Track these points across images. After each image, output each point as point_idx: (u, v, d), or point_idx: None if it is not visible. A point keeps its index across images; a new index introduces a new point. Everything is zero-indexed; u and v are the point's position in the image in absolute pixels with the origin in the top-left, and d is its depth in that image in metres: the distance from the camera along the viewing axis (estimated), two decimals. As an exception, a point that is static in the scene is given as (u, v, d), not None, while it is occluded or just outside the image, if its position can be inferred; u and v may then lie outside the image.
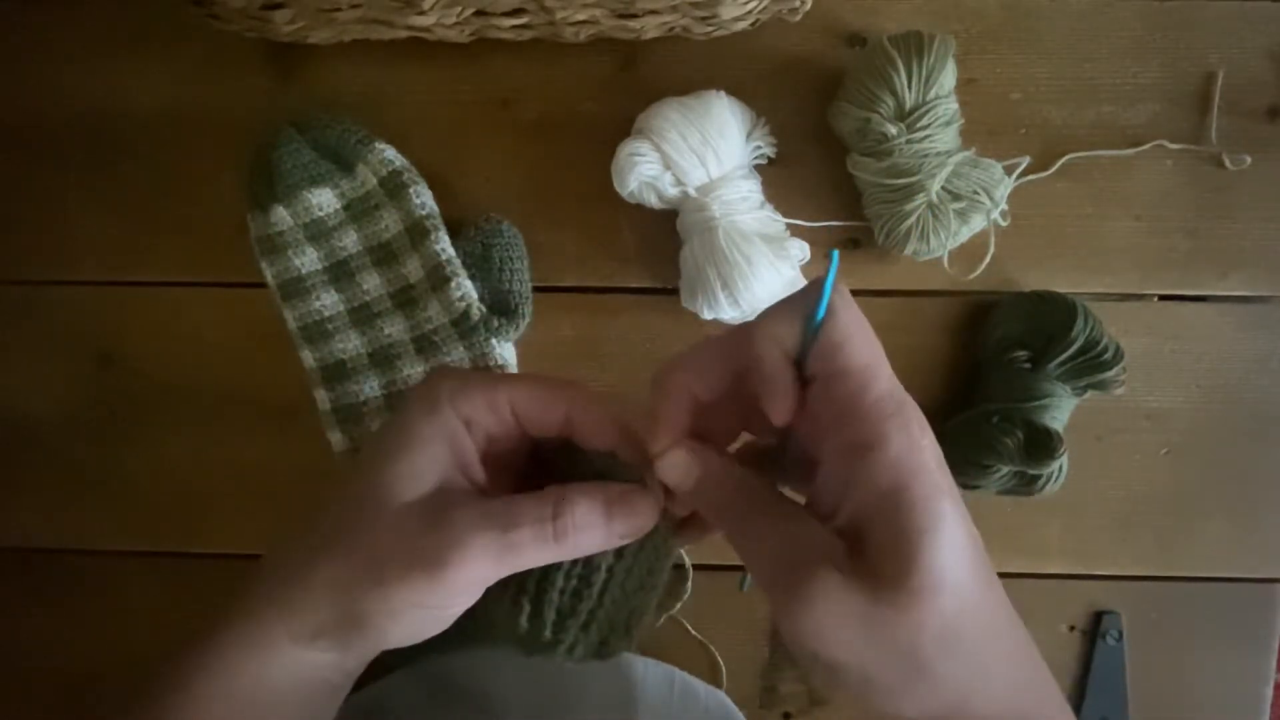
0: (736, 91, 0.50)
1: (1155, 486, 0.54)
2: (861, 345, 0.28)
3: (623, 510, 0.31)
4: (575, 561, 0.32)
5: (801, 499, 0.32)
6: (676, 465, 0.31)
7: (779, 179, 0.52)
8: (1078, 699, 0.55)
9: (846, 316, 0.29)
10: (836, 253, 0.29)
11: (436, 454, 0.31)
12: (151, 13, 0.53)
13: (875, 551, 0.27)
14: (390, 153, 0.51)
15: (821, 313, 0.28)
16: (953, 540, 0.27)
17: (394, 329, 0.53)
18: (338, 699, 0.35)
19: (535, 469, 0.35)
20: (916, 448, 0.28)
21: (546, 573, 0.32)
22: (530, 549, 0.30)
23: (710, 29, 0.49)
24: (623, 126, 0.50)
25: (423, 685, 0.50)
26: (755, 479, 0.32)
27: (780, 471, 0.33)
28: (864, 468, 0.28)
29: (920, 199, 0.48)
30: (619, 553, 0.33)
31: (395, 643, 0.32)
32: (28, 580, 0.57)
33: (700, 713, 0.50)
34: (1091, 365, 0.49)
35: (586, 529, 0.31)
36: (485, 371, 0.35)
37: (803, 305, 0.29)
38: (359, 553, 0.30)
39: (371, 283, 0.53)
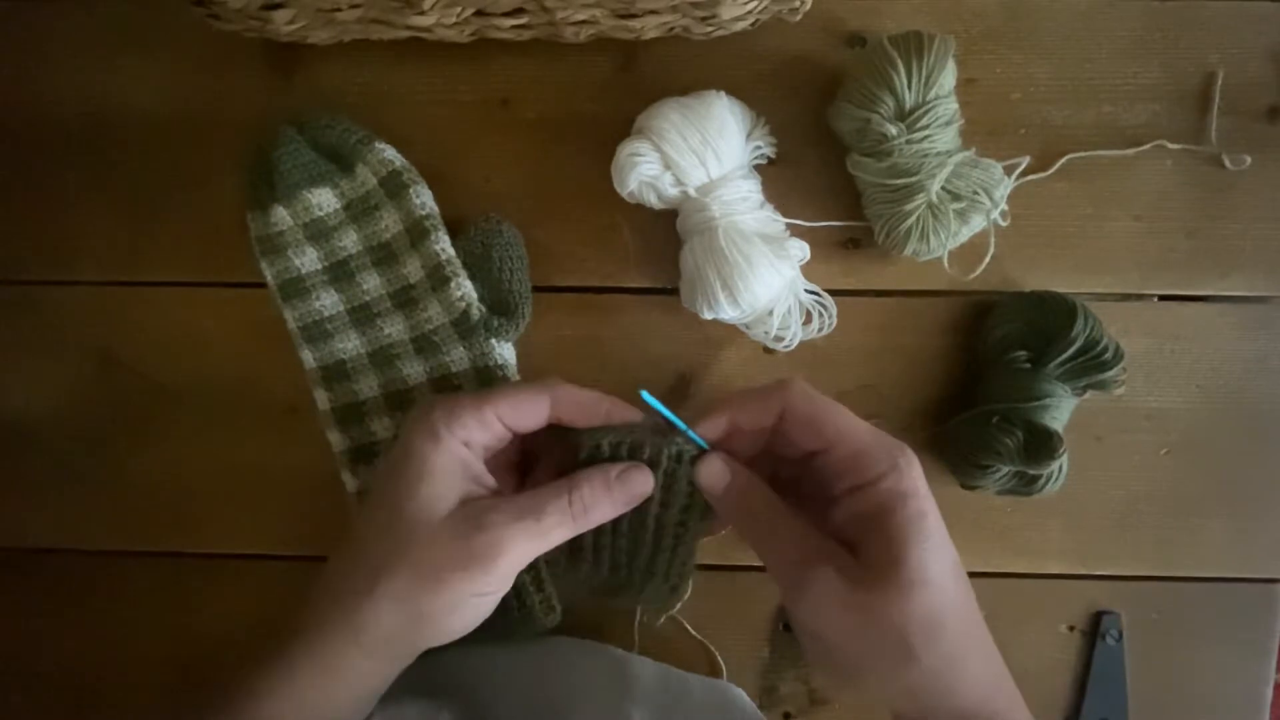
0: (736, 91, 0.50)
1: (1155, 486, 0.54)
2: (836, 418, 0.38)
3: (620, 484, 0.40)
4: (620, 519, 0.43)
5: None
6: (713, 470, 0.40)
7: (779, 179, 0.52)
8: (1078, 699, 0.55)
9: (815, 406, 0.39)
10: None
11: (452, 476, 0.38)
12: (151, 13, 0.53)
13: (870, 553, 0.36)
14: (390, 153, 0.51)
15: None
16: (935, 546, 0.35)
17: (394, 329, 0.53)
18: (375, 703, 0.42)
19: (524, 458, 0.45)
20: (905, 477, 0.36)
21: (599, 535, 0.44)
22: (558, 530, 0.39)
23: (710, 29, 0.49)
24: (623, 126, 0.50)
25: (416, 681, 0.50)
26: (773, 494, 0.40)
27: (796, 497, 0.41)
28: (864, 495, 0.37)
29: (920, 199, 0.48)
30: (652, 507, 0.43)
31: (452, 634, 0.39)
32: (28, 580, 0.57)
33: (696, 704, 0.50)
34: (1091, 365, 0.49)
35: (596, 505, 0.40)
36: (468, 395, 0.42)
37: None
38: (415, 565, 0.37)
39: (371, 283, 0.53)
